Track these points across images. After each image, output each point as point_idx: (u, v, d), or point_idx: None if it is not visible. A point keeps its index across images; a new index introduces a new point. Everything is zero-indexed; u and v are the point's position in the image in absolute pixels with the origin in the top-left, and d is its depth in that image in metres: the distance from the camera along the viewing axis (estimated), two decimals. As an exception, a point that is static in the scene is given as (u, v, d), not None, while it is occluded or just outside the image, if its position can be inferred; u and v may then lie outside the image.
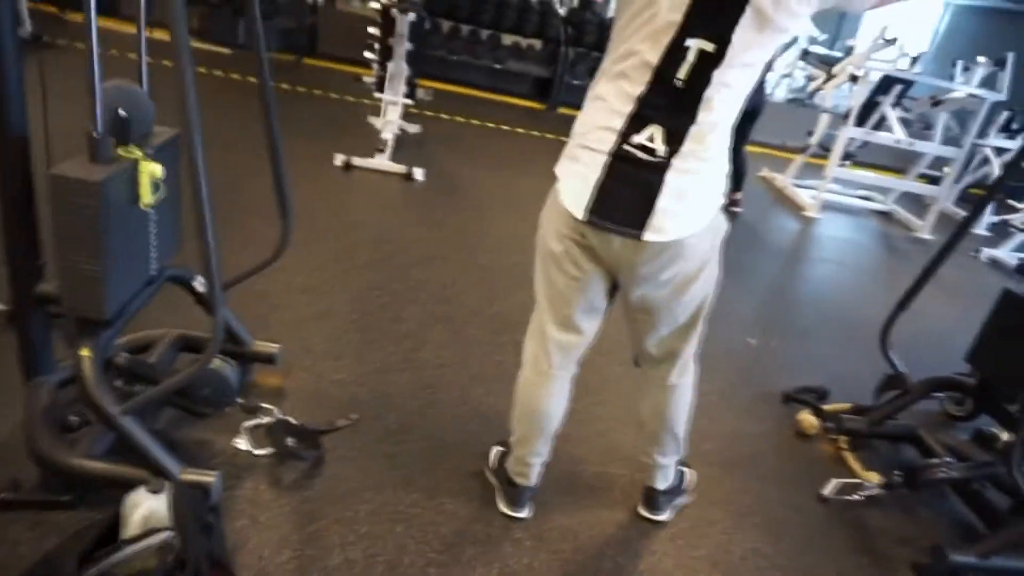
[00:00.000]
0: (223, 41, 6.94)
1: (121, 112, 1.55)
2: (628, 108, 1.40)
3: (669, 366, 1.79)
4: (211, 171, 1.39)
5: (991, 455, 2.47)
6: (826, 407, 2.73)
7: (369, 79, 5.21)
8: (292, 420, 1.99)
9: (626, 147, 1.41)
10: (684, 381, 1.84)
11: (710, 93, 1.37)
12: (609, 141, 1.43)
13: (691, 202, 1.45)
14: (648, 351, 1.78)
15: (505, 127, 6.58)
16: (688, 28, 1.31)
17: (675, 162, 1.41)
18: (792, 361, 3.28)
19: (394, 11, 4.55)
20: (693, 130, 1.40)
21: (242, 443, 1.96)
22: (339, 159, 4.44)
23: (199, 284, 2.04)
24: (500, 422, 2.31)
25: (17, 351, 1.75)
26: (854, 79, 5.77)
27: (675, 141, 1.40)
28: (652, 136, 1.40)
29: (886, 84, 5.71)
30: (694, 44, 1.32)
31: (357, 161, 4.48)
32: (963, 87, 5.73)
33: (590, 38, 7.84)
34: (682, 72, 1.35)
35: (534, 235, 1.68)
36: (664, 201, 1.42)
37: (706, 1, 1.29)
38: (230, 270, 2.11)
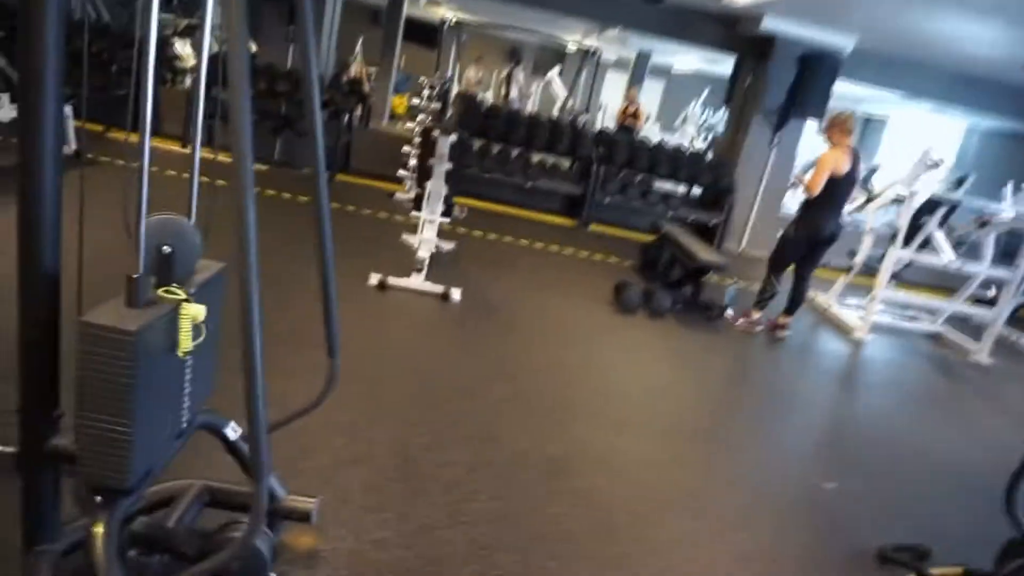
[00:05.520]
0: (260, 158, 7.08)
1: (165, 248, 1.37)
2: None
3: None
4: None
5: None
6: (934, 572, 2.37)
7: (401, 195, 5.17)
8: (330, 598, 1.69)
9: None
10: None
11: None
12: None
13: None
14: None
15: (538, 244, 6.49)
16: None
17: None
18: (875, 509, 2.92)
19: (435, 133, 4.54)
20: None
21: (271, 626, 1.65)
22: (374, 278, 4.30)
23: (231, 431, 1.80)
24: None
25: (21, 512, 1.51)
26: (897, 200, 5.67)
27: None
28: None
29: (931, 205, 5.58)
30: None
31: (393, 281, 4.32)
32: (1011, 207, 5.58)
33: (620, 157, 7.91)
34: None
35: (577, 363, 1.45)
36: None
37: None
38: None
